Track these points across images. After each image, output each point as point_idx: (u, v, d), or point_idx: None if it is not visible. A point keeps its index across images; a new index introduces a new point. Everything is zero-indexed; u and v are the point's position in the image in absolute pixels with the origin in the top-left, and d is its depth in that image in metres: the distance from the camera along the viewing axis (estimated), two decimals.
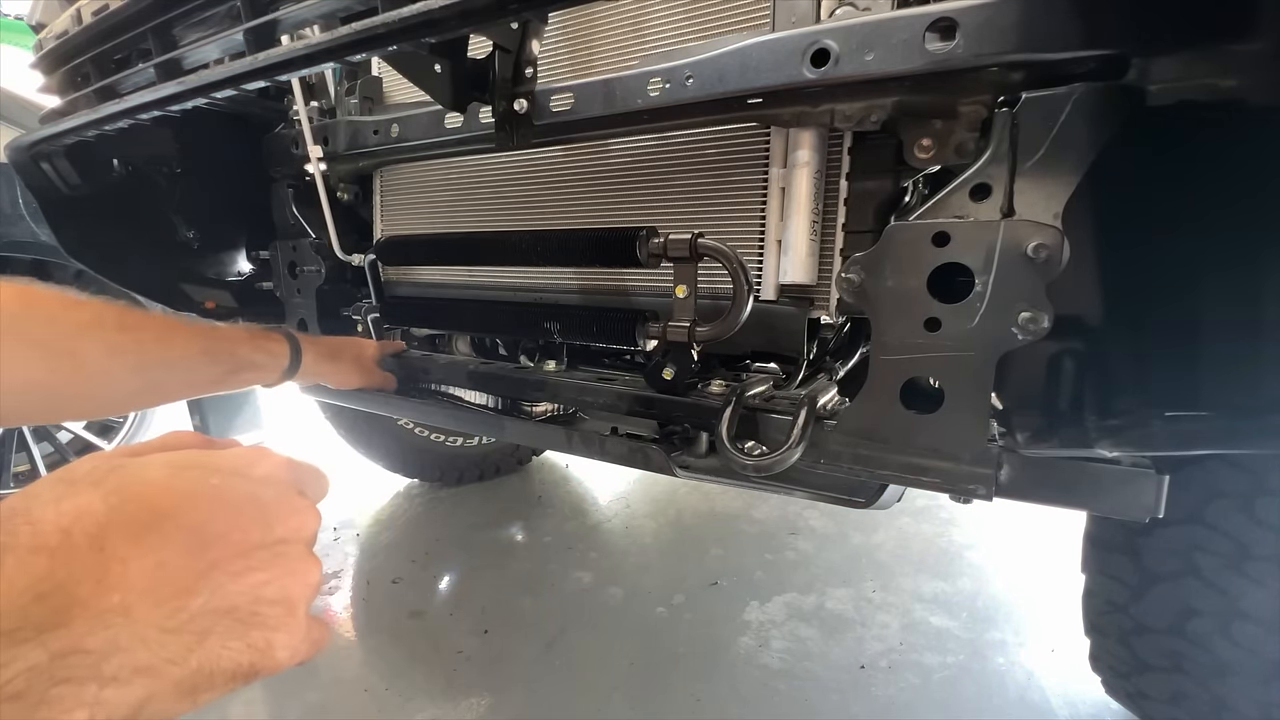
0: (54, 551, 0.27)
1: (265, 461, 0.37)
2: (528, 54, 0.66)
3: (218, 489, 0.33)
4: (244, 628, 0.31)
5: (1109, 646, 0.96)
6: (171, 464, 0.33)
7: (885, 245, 0.51)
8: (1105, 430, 0.55)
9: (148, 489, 0.31)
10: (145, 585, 0.28)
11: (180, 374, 0.72)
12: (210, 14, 0.74)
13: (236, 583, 0.32)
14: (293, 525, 0.36)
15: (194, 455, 0.35)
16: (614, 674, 1.25)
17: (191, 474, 0.33)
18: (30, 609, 0.25)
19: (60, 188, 1.06)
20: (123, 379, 0.67)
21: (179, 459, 0.34)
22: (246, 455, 0.37)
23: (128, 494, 0.30)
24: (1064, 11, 0.42)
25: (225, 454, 0.36)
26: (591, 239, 0.69)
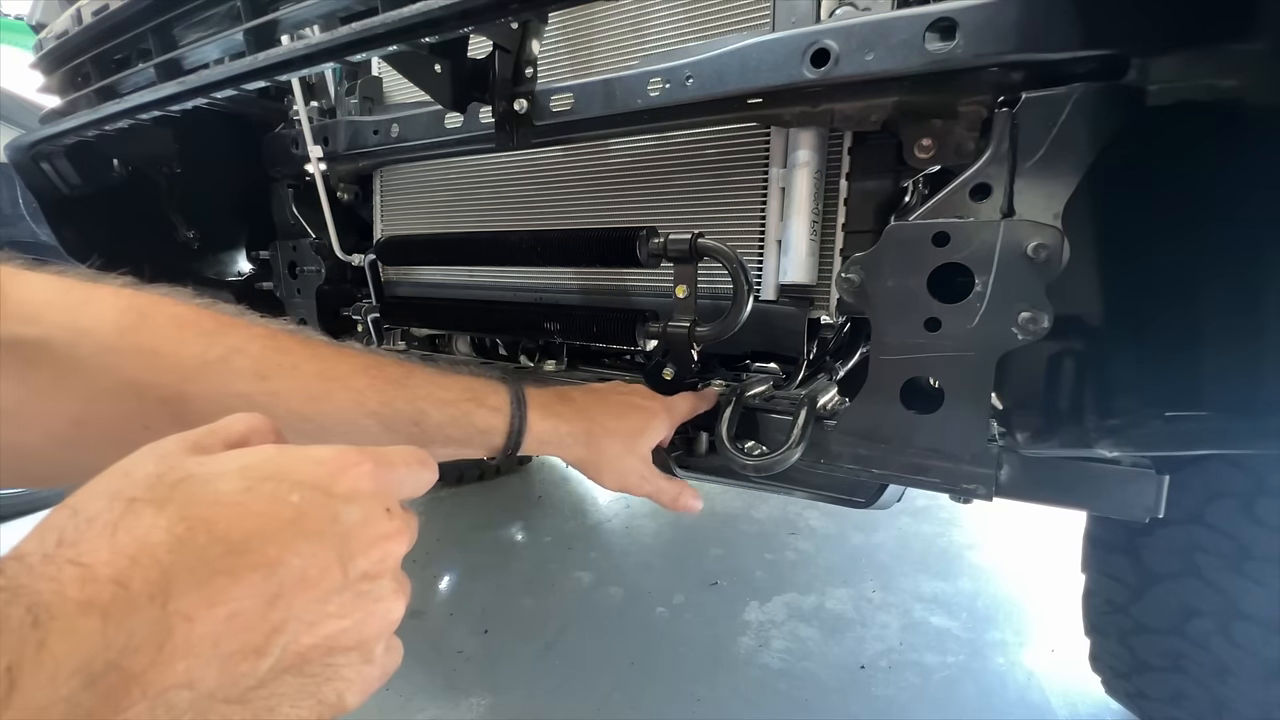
0: (108, 611, 0.22)
1: (351, 471, 0.31)
2: (528, 54, 0.66)
3: (297, 511, 0.28)
4: (315, 685, 0.28)
5: (1109, 646, 0.96)
6: (247, 473, 0.29)
7: (885, 245, 0.51)
8: (1105, 430, 0.55)
9: (219, 513, 0.27)
10: (212, 647, 0.24)
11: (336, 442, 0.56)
12: (210, 14, 0.74)
13: (311, 634, 0.27)
14: (377, 556, 0.31)
15: (271, 461, 0.30)
16: (614, 674, 1.25)
17: (268, 489, 0.28)
18: (79, 697, 0.21)
19: (60, 188, 1.06)
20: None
21: (255, 465, 0.29)
22: (329, 462, 0.31)
23: (197, 519, 0.26)
24: (1064, 11, 0.42)
25: (304, 459, 0.31)
26: (591, 239, 0.69)
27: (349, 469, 0.31)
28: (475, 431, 0.54)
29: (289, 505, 0.28)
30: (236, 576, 0.25)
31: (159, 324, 0.44)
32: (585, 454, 0.59)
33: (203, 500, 0.27)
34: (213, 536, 0.26)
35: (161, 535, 0.25)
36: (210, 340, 0.45)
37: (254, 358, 0.46)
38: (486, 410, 0.55)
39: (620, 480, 0.60)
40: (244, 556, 0.26)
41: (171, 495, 0.27)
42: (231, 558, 0.26)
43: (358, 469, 0.31)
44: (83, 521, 0.25)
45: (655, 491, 0.61)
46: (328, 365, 0.50)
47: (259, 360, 0.47)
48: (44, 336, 0.40)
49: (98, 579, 0.23)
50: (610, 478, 0.60)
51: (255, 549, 0.26)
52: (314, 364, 0.49)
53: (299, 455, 0.31)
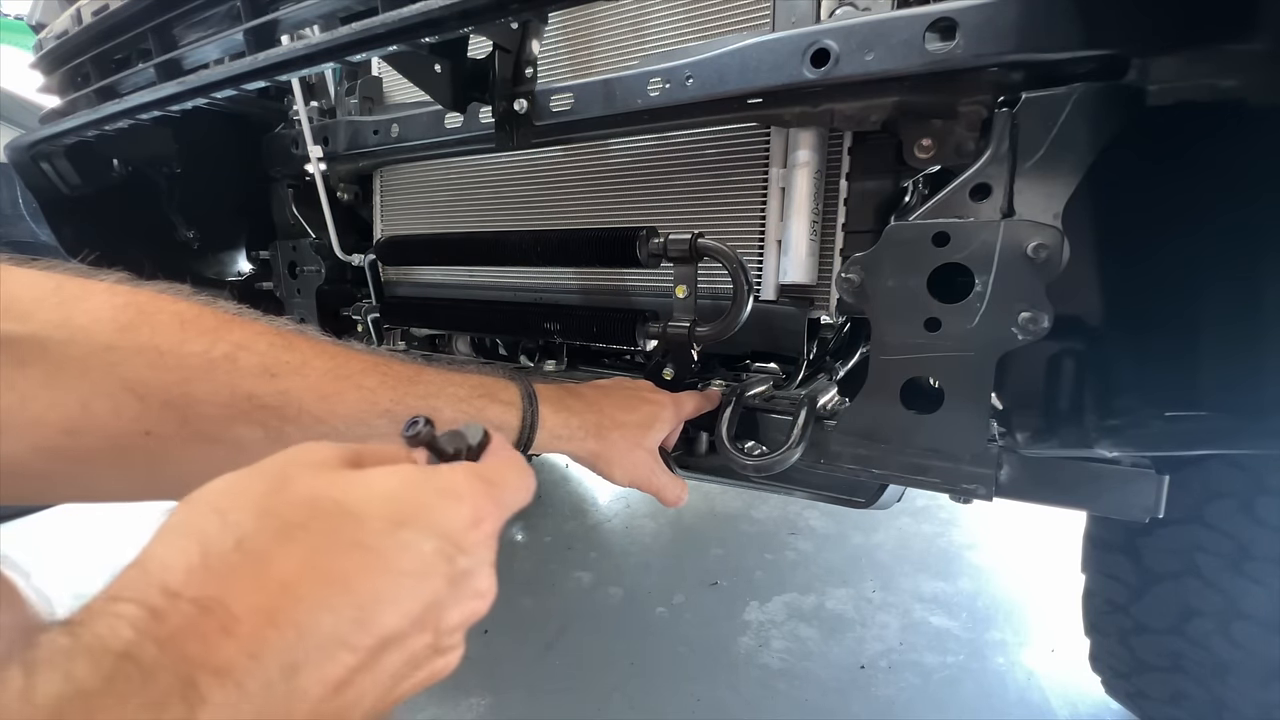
0: (243, 684, 0.22)
1: (483, 526, 0.31)
2: (528, 54, 0.66)
3: (425, 568, 0.28)
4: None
5: (1109, 646, 0.96)
6: (393, 512, 0.28)
7: (885, 245, 0.51)
8: (1105, 430, 0.55)
9: (361, 564, 0.26)
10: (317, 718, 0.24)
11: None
12: (210, 14, 0.74)
13: (387, 698, 0.28)
14: (465, 614, 0.31)
15: (414, 494, 0.29)
16: (614, 674, 1.25)
17: (407, 538, 0.28)
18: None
19: (60, 188, 1.06)
20: (254, 455, 0.43)
21: (400, 502, 0.28)
22: (464, 505, 0.30)
23: (337, 575, 0.25)
24: (1064, 12, 0.42)
25: (445, 498, 0.30)
26: (591, 239, 0.69)
27: (481, 523, 0.31)
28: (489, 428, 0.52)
29: (420, 559, 0.28)
30: (356, 651, 0.26)
31: (160, 321, 0.41)
32: (596, 447, 0.57)
33: (348, 542, 0.27)
34: (348, 597, 0.25)
35: (305, 588, 0.25)
36: (214, 338, 0.43)
37: (261, 355, 0.44)
38: (499, 405, 0.53)
39: (630, 474, 0.59)
40: (369, 628, 0.26)
41: (322, 526, 0.26)
42: (359, 630, 0.26)
43: (489, 524, 0.31)
44: (230, 541, 0.25)
45: (660, 487, 0.60)
46: (337, 363, 0.47)
47: (267, 357, 0.44)
48: (36, 334, 0.37)
49: (235, 636, 0.23)
50: (620, 472, 0.59)
51: (380, 618, 0.26)
52: (323, 361, 0.47)
53: (440, 492, 0.30)
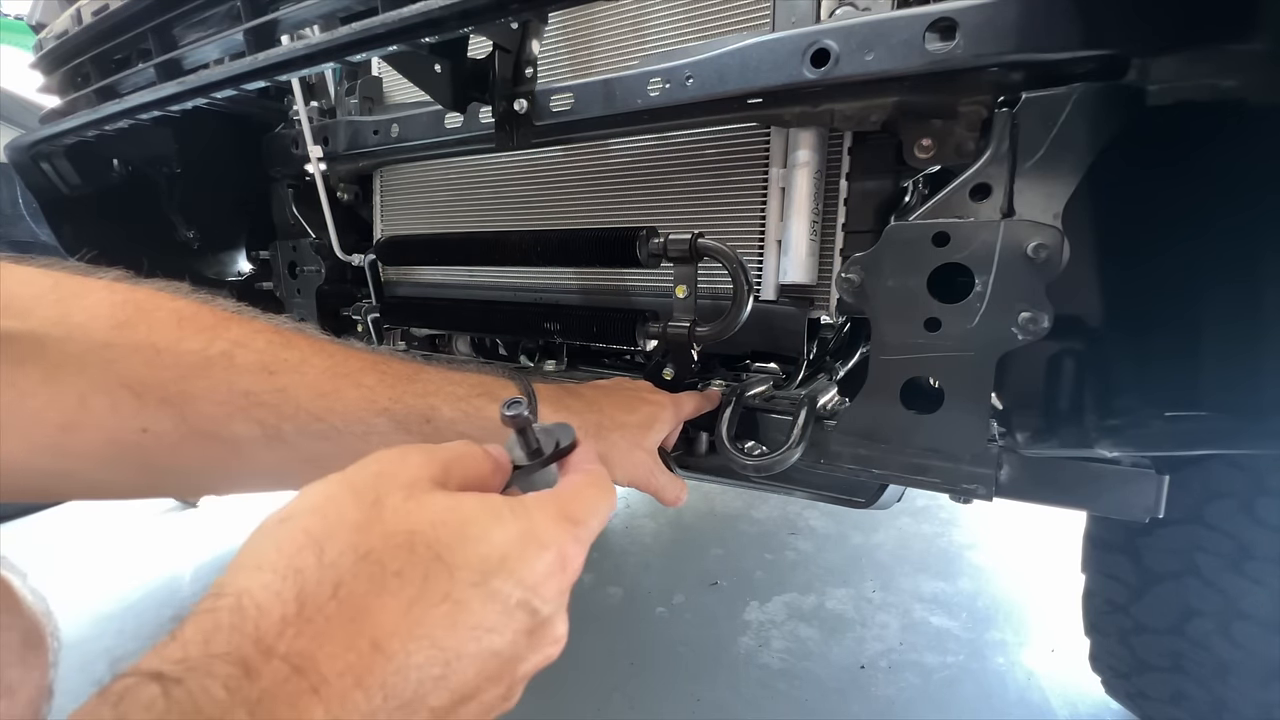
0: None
1: (567, 575, 0.31)
2: (528, 54, 0.66)
3: (512, 629, 0.28)
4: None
5: (1109, 646, 0.96)
6: (485, 562, 0.28)
7: (885, 245, 0.51)
8: (1105, 430, 0.55)
9: (451, 620, 0.26)
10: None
11: (346, 446, 0.45)
12: (210, 14, 0.74)
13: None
14: (542, 659, 0.31)
15: (506, 544, 0.29)
16: (614, 674, 1.25)
17: (496, 589, 0.28)
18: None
19: (60, 188, 1.06)
20: (251, 453, 0.44)
21: (492, 550, 0.28)
22: (550, 555, 0.30)
23: (428, 631, 0.25)
24: (1064, 12, 0.42)
25: (535, 550, 0.29)
26: (591, 239, 0.69)
27: (565, 569, 0.30)
28: (488, 427, 0.50)
29: (506, 613, 0.28)
30: (436, 710, 0.26)
31: (157, 319, 0.42)
32: (596, 447, 0.57)
33: (441, 594, 0.26)
34: (436, 658, 0.25)
35: (396, 646, 0.25)
36: (212, 335, 0.43)
37: (259, 353, 0.44)
38: (499, 405, 0.51)
39: (630, 474, 0.57)
40: (451, 687, 0.26)
41: (417, 575, 0.26)
42: (441, 690, 0.26)
43: (571, 570, 0.31)
44: (329, 586, 0.25)
45: (660, 487, 0.60)
46: (336, 361, 0.47)
47: (265, 355, 0.44)
48: (34, 331, 0.38)
49: (327, 699, 0.23)
50: (619, 472, 0.57)
51: (462, 676, 0.26)
52: (321, 359, 0.46)
53: (527, 539, 0.29)
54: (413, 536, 0.27)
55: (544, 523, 0.31)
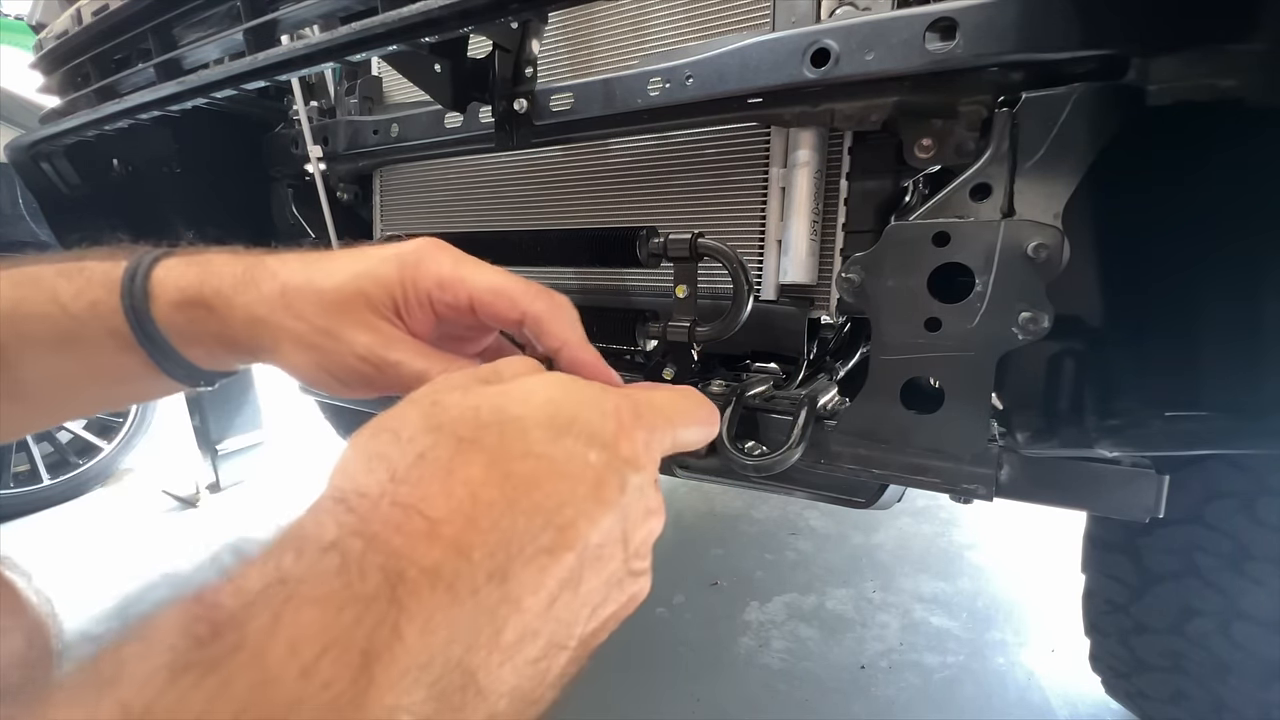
0: (454, 588, 0.21)
1: (634, 434, 0.29)
2: (528, 54, 0.66)
3: (597, 475, 0.27)
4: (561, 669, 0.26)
5: (1109, 646, 0.96)
6: (553, 420, 0.27)
7: (885, 245, 0.51)
8: (1105, 430, 0.55)
9: (536, 469, 0.25)
10: (530, 643, 0.23)
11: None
12: (210, 14, 0.74)
13: (593, 620, 0.27)
14: (645, 532, 0.30)
15: (567, 401, 0.28)
16: (614, 674, 1.25)
17: (571, 445, 0.27)
18: (424, 709, 0.20)
19: (60, 188, 1.06)
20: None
21: (557, 407, 0.28)
22: (612, 415, 0.29)
23: (520, 478, 0.25)
24: (1064, 11, 0.42)
25: (593, 406, 0.29)
26: (591, 239, 0.69)
27: (631, 430, 0.29)
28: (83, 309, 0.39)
29: (590, 467, 0.27)
30: (556, 556, 0.24)
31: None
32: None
33: (520, 451, 0.26)
34: (535, 502, 0.25)
35: (494, 493, 0.24)
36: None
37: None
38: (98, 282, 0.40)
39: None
40: (562, 532, 0.25)
41: (491, 437, 0.26)
42: (552, 532, 0.24)
43: (638, 431, 0.30)
44: (412, 455, 0.25)
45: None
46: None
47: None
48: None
49: (441, 538, 0.22)
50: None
51: (569, 522, 0.25)
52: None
53: (586, 400, 0.29)
54: (479, 411, 0.27)
55: (605, 392, 0.30)
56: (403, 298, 0.39)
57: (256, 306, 0.39)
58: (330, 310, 0.38)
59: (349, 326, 0.38)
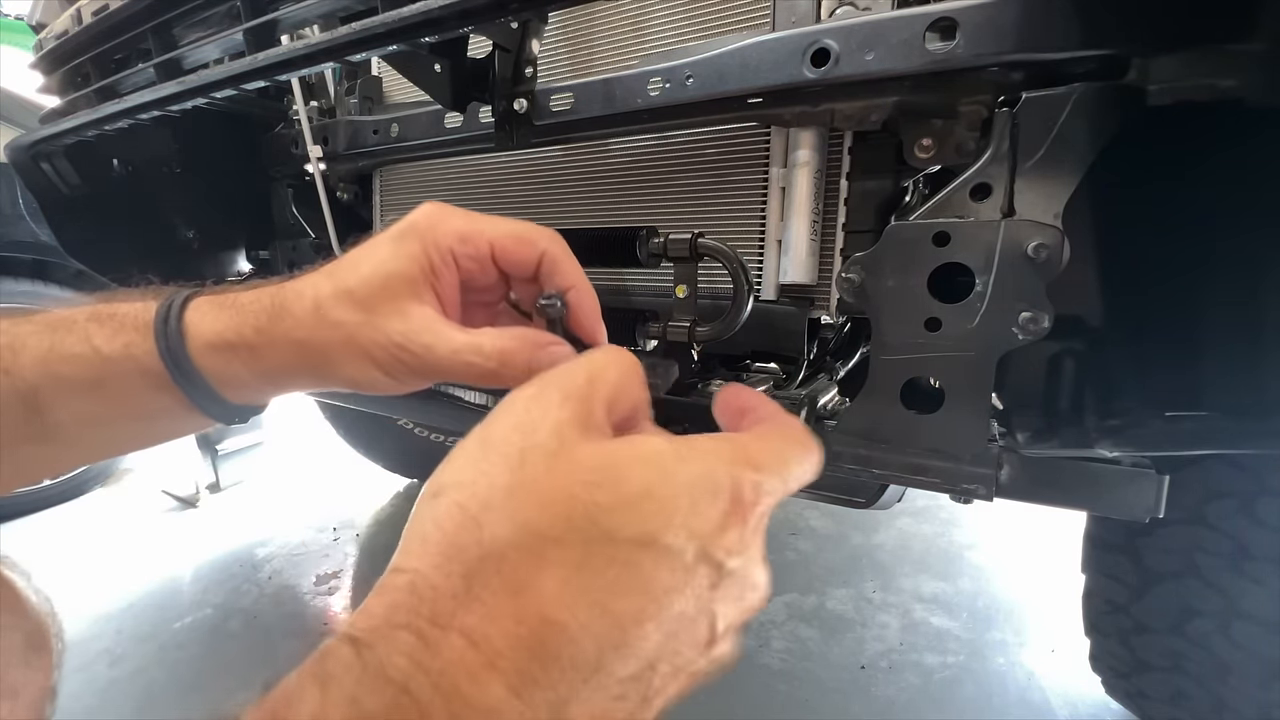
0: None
1: (745, 519, 0.27)
2: (528, 54, 0.66)
3: (683, 581, 0.26)
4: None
5: (1109, 646, 0.96)
6: (644, 516, 0.25)
7: (885, 245, 0.51)
8: (1105, 430, 0.55)
9: (615, 582, 0.24)
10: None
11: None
12: (210, 14, 0.74)
13: (648, 702, 0.26)
14: (742, 610, 0.29)
15: (665, 488, 0.26)
16: None
17: (662, 547, 0.25)
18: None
19: (60, 188, 1.06)
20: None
21: (652, 499, 0.26)
22: (719, 499, 0.27)
23: (595, 600, 0.24)
24: (1064, 11, 0.42)
25: (698, 493, 0.26)
26: (591, 238, 0.69)
27: (747, 511, 0.27)
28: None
29: (680, 568, 0.26)
30: (622, 679, 0.24)
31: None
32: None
33: (603, 560, 0.25)
34: (610, 625, 0.24)
35: (566, 616, 0.24)
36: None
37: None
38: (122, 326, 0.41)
39: None
40: (633, 652, 0.24)
41: (574, 542, 0.24)
42: (623, 657, 0.24)
43: (754, 516, 0.28)
44: (493, 565, 0.24)
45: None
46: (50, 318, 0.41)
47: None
48: None
49: (504, 672, 0.23)
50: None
51: (642, 640, 0.25)
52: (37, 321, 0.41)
53: (694, 486, 0.26)
54: (570, 503, 0.25)
55: (716, 465, 0.27)
56: (429, 265, 0.40)
57: (295, 331, 0.39)
58: (364, 305, 0.39)
59: (384, 316, 0.39)
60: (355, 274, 0.40)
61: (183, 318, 0.40)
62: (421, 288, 0.40)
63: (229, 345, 0.40)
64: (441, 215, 0.41)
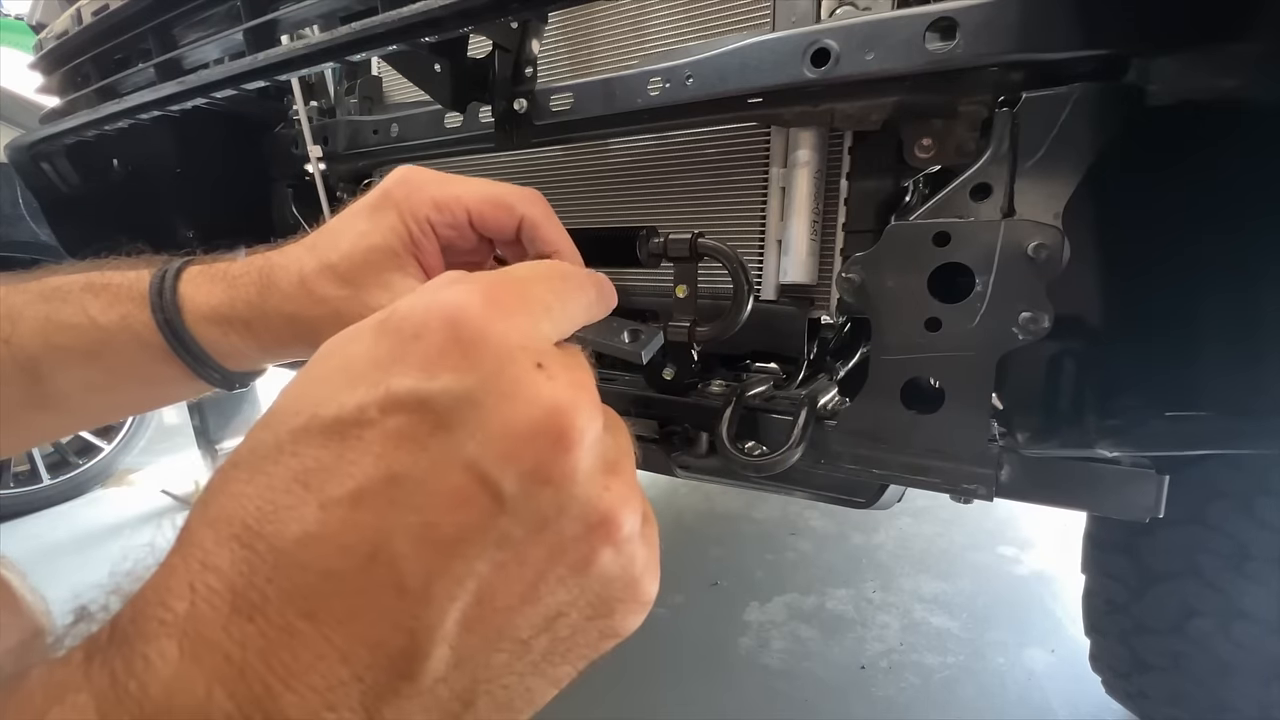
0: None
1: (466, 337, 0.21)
2: (528, 53, 0.66)
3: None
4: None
5: (1109, 646, 0.96)
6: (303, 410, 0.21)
7: (885, 245, 0.51)
8: (1105, 430, 0.55)
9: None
10: None
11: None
12: (210, 14, 0.74)
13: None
14: (635, 607, 0.27)
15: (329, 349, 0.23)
16: (614, 674, 1.25)
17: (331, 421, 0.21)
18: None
19: (60, 188, 1.06)
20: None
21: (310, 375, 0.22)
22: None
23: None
24: (1064, 11, 0.42)
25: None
26: (591, 238, 0.68)
27: (429, 340, 0.21)
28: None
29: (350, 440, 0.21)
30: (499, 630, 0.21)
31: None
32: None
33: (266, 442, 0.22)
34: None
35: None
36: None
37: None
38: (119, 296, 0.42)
39: None
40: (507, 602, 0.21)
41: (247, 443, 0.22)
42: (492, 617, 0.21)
43: (452, 333, 0.21)
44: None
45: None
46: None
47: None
48: None
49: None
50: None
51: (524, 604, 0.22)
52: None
53: (355, 334, 0.23)
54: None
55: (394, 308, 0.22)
56: (408, 236, 0.39)
57: (285, 306, 0.40)
58: (348, 280, 0.39)
59: (369, 290, 0.39)
60: (336, 249, 0.40)
61: (178, 291, 0.41)
62: (404, 259, 0.40)
63: (224, 318, 0.41)
64: (416, 183, 0.40)
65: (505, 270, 0.25)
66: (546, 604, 0.22)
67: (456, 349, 0.20)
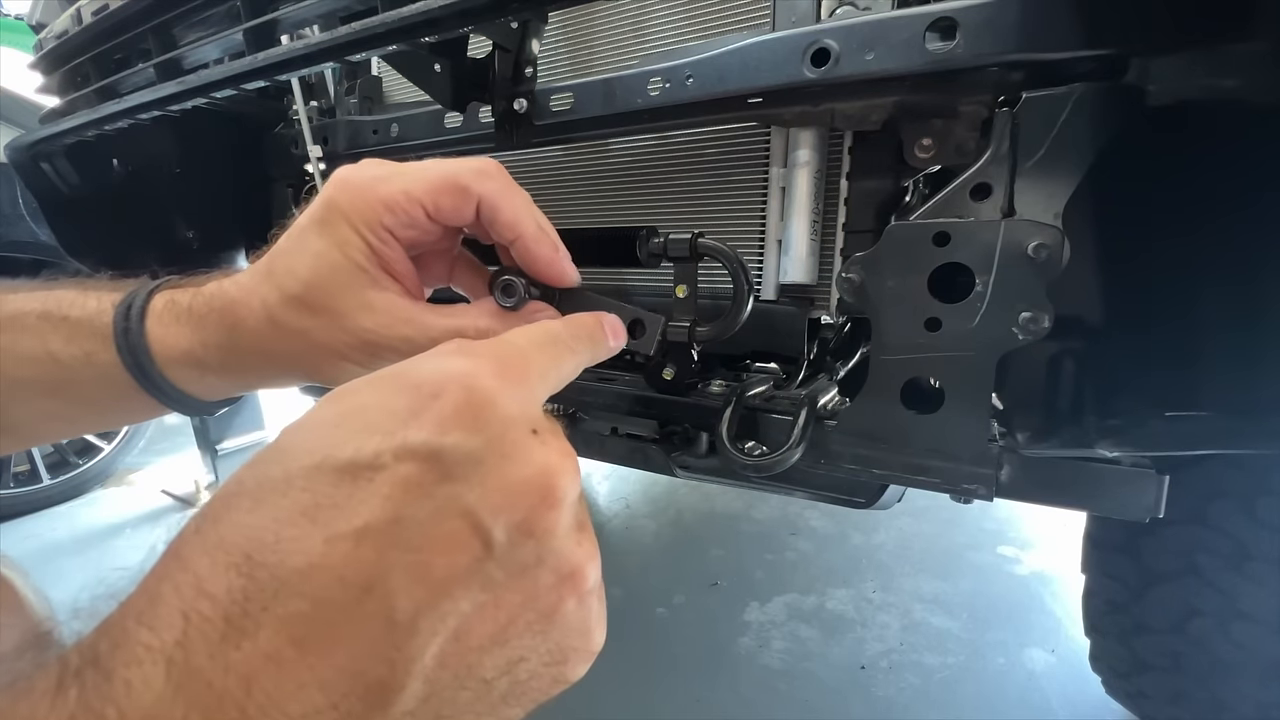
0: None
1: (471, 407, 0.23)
2: (527, 53, 0.66)
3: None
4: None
5: (1109, 646, 0.96)
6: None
7: (885, 245, 0.51)
8: (1105, 430, 0.55)
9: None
10: None
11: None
12: (210, 14, 0.74)
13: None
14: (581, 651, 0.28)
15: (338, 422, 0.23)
16: (614, 674, 1.25)
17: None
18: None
19: (60, 188, 1.06)
20: None
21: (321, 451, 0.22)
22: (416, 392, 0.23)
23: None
24: (1064, 11, 0.42)
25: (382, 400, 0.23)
26: (591, 238, 0.68)
27: (443, 403, 0.23)
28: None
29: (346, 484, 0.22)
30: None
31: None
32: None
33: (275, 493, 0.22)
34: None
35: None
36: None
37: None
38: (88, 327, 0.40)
39: None
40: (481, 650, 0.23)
41: (250, 476, 0.23)
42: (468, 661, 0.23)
43: (458, 399, 0.23)
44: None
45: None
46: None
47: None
48: None
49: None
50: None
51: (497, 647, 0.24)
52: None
53: (375, 387, 0.24)
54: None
55: (410, 365, 0.25)
56: (368, 249, 0.37)
57: (258, 344, 0.39)
58: (319, 309, 0.37)
59: (346, 315, 0.37)
60: (295, 277, 0.37)
61: (145, 332, 0.39)
62: (374, 274, 0.37)
63: (198, 361, 0.39)
64: (358, 185, 0.36)
65: (509, 340, 0.28)
66: (513, 647, 0.24)
67: (469, 411, 0.23)
